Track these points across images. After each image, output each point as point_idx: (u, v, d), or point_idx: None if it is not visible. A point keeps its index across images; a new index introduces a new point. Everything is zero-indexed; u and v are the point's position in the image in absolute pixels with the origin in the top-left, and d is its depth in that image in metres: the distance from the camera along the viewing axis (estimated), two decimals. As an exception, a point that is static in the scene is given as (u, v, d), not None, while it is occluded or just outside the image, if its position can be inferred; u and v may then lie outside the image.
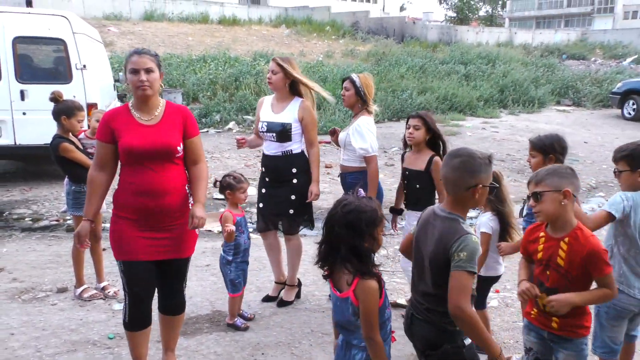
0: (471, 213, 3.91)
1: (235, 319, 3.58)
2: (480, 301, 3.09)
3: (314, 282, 4.36)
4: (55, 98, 3.90)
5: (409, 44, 23.13)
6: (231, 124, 12.20)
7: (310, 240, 5.51)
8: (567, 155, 2.98)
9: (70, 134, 3.96)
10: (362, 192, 2.10)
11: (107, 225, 5.76)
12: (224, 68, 15.09)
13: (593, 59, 26.35)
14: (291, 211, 3.74)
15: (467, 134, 12.20)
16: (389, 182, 7.89)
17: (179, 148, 2.68)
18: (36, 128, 6.63)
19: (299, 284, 4.10)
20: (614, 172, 2.74)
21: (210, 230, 5.74)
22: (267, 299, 4.04)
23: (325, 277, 2.11)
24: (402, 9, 51.85)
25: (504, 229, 3.02)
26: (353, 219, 1.95)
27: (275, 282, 4.09)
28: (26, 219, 6.16)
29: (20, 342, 3.34)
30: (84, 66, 7.18)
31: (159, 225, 2.68)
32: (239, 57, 16.99)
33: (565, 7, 54.39)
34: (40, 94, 5.53)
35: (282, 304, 3.95)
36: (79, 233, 2.71)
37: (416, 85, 16.08)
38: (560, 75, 20.14)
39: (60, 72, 7.33)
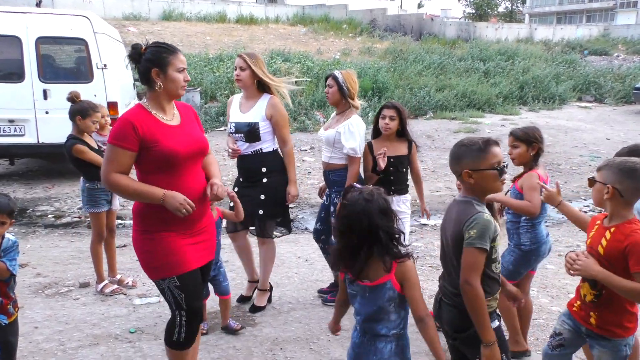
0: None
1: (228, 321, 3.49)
2: None
3: (332, 279, 4.35)
4: (72, 98, 3.96)
5: (427, 41, 22.95)
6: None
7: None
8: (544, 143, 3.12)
9: (85, 134, 4.00)
10: (357, 185, 2.16)
11: (124, 222, 5.89)
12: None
13: (616, 55, 25.81)
14: (261, 212, 3.58)
15: (486, 130, 12.06)
16: (407, 180, 7.85)
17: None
18: (59, 127, 6.70)
19: (271, 288, 3.95)
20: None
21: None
22: (242, 299, 3.92)
23: (344, 272, 2.11)
24: (419, 6, 51.49)
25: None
26: (383, 204, 2.00)
27: (249, 281, 3.98)
28: (49, 216, 6.28)
29: (44, 335, 3.41)
30: (105, 65, 7.29)
31: (200, 228, 2.55)
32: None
33: (587, 2, 53.37)
34: (62, 93, 5.63)
35: (255, 309, 3.79)
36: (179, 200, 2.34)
37: (434, 83, 15.95)
38: (582, 71, 19.78)
39: (82, 71, 7.47)
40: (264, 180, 3.59)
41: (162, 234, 2.40)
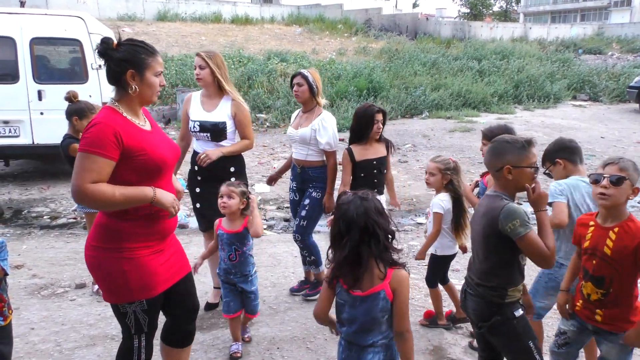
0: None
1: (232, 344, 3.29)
2: (442, 279, 3.58)
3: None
4: (70, 98, 3.96)
5: (422, 41, 22.99)
6: (245, 122, 12.26)
7: (320, 237, 5.53)
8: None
9: (81, 134, 3.99)
10: (349, 192, 2.10)
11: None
12: (237, 67, 15.16)
13: (610, 53, 25.93)
14: None
15: (481, 130, 12.09)
16: (403, 179, 7.87)
17: None
18: (53, 128, 6.69)
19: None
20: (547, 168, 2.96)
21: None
22: (209, 307, 3.79)
23: (333, 279, 2.03)
24: (414, 5, 51.55)
25: (460, 213, 3.38)
26: (377, 203, 2.00)
27: (215, 287, 3.86)
28: (44, 217, 6.26)
29: (41, 336, 3.40)
30: (100, 66, 7.26)
31: (170, 240, 2.37)
32: (252, 56, 17.04)
33: (581, 1, 53.58)
34: (57, 94, 5.62)
35: (210, 307, 3.76)
36: (170, 196, 2.24)
37: (429, 82, 15.99)
38: (577, 70, 19.87)
39: (77, 72, 7.45)
40: (232, 179, 3.44)
41: (142, 252, 2.18)
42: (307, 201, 3.83)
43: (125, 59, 2.13)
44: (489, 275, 2.20)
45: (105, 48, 2.12)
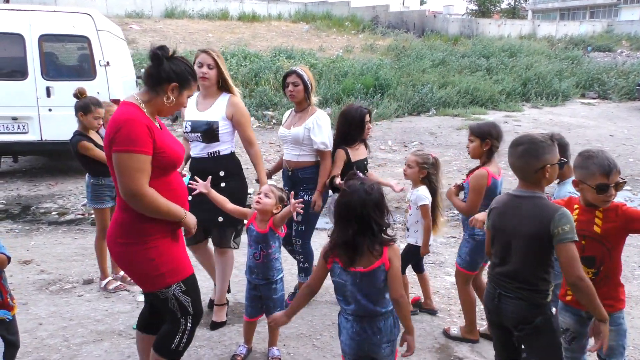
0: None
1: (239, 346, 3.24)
2: (418, 266, 3.78)
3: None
4: (77, 94, 3.98)
5: (429, 38, 22.91)
6: (251, 120, 12.28)
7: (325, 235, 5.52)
8: (502, 141, 3.22)
9: (90, 130, 4.01)
10: (359, 173, 2.30)
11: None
12: (244, 64, 15.18)
13: (619, 51, 25.71)
14: (220, 218, 3.31)
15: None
16: (410, 177, 7.84)
17: None
18: (62, 124, 6.78)
19: (227, 302, 3.70)
20: None
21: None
22: (212, 304, 3.66)
23: (329, 256, 2.21)
24: (422, 2, 51.36)
25: (434, 208, 3.43)
26: (379, 198, 2.14)
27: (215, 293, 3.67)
28: (53, 213, 6.31)
29: (49, 331, 3.43)
30: (108, 63, 7.31)
31: (180, 233, 2.49)
32: (259, 53, 17.05)
33: (591, -2, 53.18)
34: (65, 90, 5.65)
35: (215, 326, 3.51)
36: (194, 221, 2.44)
37: (437, 79, 15.93)
38: (585, 68, 19.74)
39: (85, 68, 7.49)
40: (223, 184, 3.31)
41: (163, 240, 2.30)
42: (299, 217, 3.63)
43: (175, 72, 2.29)
44: (534, 278, 2.17)
45: (162, 54, 2.27)
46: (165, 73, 2.27)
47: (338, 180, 3.46)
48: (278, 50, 17.43)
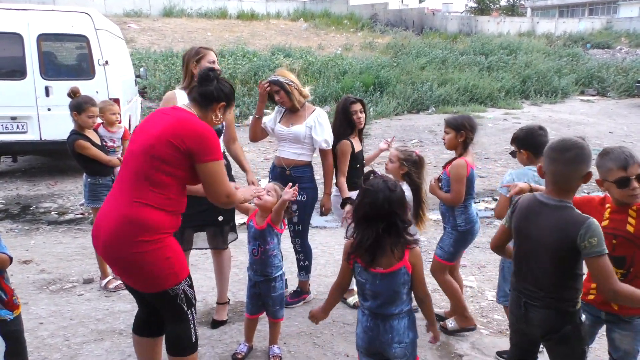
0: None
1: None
2: None
3: (335, 274, 4.36)
4: (70, 94, 3.98)
5: (428, 36, 22.90)
6: (250, 118, 12.26)
7: (328, 233, 5.52)
8: (476, 132, 3.35)
9: (86, 130, 3.99)
10: (377, 171, 2.32)
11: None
12: (243, 62, 15.17)
13: (618, 48, 25.71)
14: (220, 217, 3.33)
15: (488, 125, 12.05)
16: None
17: None
18: (61, 123, 6.69)
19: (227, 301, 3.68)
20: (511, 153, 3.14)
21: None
22: (216, 324, 3.55)
23: (350, 257, 2.22)
24: (421, 0, 51.31)
25: (418, 205, 3.39)
26: (402, 195, 2.17)
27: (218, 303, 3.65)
28: (52, 213, 6.30)
29: (49, 331, 3.42)
30: (106, 62, 7.29)
31: None
32: (258, 51, 17.04)
33: (589, -5, 53.12)
34: (64, 90, 5.61)
35: (216, 324, 3.51)
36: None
37: (436, 77, 15.93)
38: (585, 65, 19.74)
39: (83, 68, 7.47)
40: None
41: (170, 237, 2.34)
42: (294, 207, 3.54)
43: (226, 94, 2.52)
44: (560, 287, 2.10)
45: (216, 75, 2.51)
46: (217, 93, 2.48)
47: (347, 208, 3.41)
48: (277, 49, 17.42)
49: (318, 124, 3.59)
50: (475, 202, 3.49)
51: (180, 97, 3.32)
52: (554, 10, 54.15)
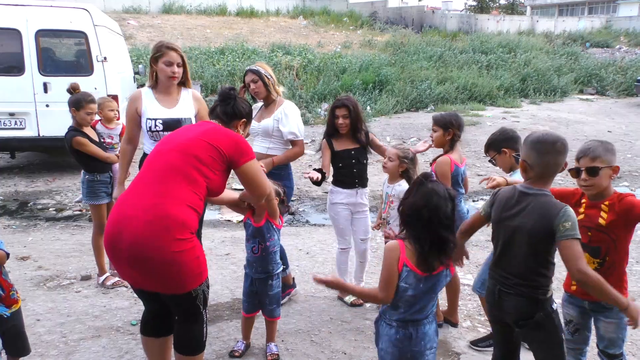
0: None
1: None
2: None
3: (333, 271, 4.36)
4: (70, 90, 3.97)
5: (428, 34, 22.86)
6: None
7: (326, 231, 5.53)
8: (463, 130, 3.37)
9: (84, 127, 3.98)
10: (433, 174, 2.32)
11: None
12: (242, 60, 15.14)
13: (618, 47, 25.69)
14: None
15: (487, 123, 12.04)
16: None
17: None
18: (59, 120, 6.70)
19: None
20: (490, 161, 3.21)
21: (229, 220, 5.79)
22: None
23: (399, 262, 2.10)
24: (420, -2, 51.20)
25: None
26: (454, 207, 2.13)
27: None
28: (50, 209, 6.30)
29: (46, 327, 3.42)
30: (105, 58, 7.28)
31: None
32: (257, 48, 17.01)
33: (589, -6, 53.06)
34: (62, 86, 5.62)
35: None
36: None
37: (435, 75, 15.91)
38: (584, 64, 19.72)
39: (82, 64, 7.46)
40: None
41: (195, 237, 2.32)
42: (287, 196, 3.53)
43: (246, 112, 2.76)
44: (533, 274, 2.18)
45: (236, 94, 2.75)
46: (238, 110, 2.70)
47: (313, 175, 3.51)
48: (276, 46, 17.39)
49: (284, 116, 3.59)
50: (473, 201, 3.50)
51: (147, 96, 3.30)
52: (554, 9, 54.12)
